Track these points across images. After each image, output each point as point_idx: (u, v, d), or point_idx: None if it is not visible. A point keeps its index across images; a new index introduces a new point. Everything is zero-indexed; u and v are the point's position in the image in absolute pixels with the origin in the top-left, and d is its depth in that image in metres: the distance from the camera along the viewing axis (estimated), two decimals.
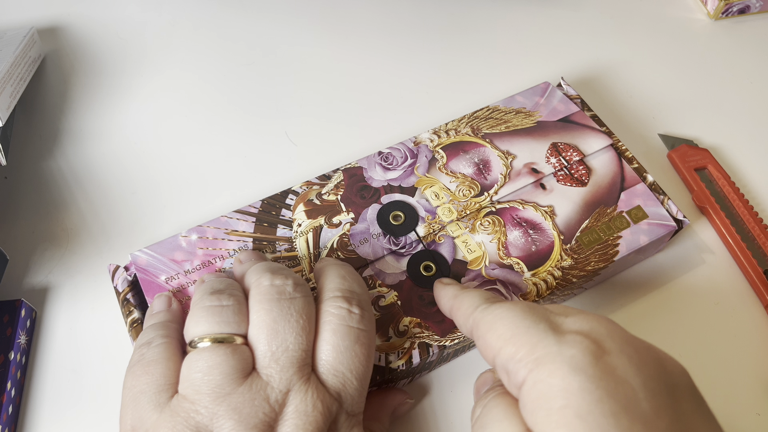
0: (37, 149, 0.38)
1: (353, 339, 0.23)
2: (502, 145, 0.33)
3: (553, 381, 0.18)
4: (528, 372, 0.19)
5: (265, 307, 0.23)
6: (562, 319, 0.20)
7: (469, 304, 0.24)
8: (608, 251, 0.30)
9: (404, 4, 0.46)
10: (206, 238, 0.30)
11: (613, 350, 0.18)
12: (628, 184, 0.32)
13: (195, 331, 0.23)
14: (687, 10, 0.46)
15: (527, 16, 0.45)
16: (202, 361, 0.22)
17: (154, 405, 0.22)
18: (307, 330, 0.23)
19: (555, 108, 0.35)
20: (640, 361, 0.18)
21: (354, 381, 0.23)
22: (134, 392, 0.22)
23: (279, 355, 0.22)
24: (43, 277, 0.33)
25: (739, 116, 0.40)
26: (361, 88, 0.41)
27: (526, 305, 0.22)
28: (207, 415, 0.21)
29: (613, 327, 0.20)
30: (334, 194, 0.31)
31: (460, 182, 0.32)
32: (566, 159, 0.33)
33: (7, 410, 0.28)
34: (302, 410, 0.21)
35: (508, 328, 0.20)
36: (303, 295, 0.24)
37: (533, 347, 0.19)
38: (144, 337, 0.24)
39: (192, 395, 0.22)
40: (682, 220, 0.31)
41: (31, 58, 0.40)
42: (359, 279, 0.26)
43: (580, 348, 0.18)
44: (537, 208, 0.31)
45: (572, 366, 0.18)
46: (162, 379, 0.22)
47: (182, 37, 0.44)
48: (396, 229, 0.30)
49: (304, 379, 0.22)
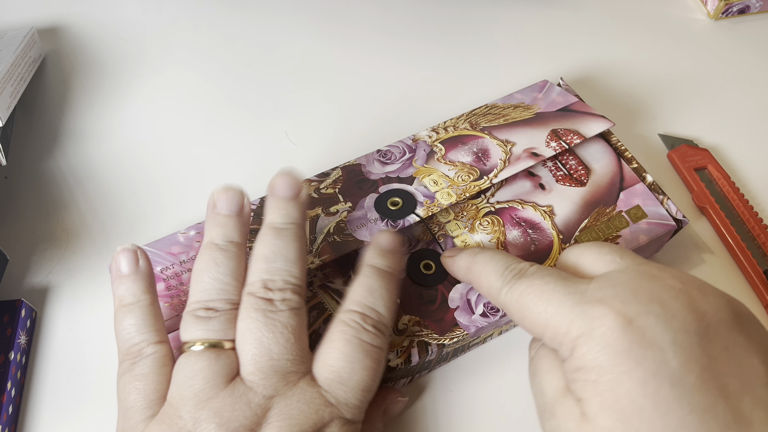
0: (37, 149, 0.38)
1: (364, 352, 0.23)
2: (501, 135, 0.33)
3: (588, 358, 0.19)
4: (569, 352, 0.20)
5: (252, 316, 0.23)
6: (584, 287, 0.21)
7: (488, 284, 0.24)
8: None
9: (404, 4, 0.46)
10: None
11: (640, 313, 0.19)
12: (627, 183, 0.32)
13: (185, 336, 0.23)
14: (687, 10, 0.46)
15: (527, 15, 0.45)
16: (188, 367, 0.22)
17: (143, 419, 0.22)
18: (295, 337, 0.23)
19: (554, 100, 0.35)
20: (667, 315, 0.19)
21: (358, 392, 0.23)
22: (125, 406, 0.23)
23: (262, 364, 0.22)
24: (43, 277, 0.33)
25: (739, 116, 0.40)
26: (360, 87, 0.41)
27: (546, 279, 0.22)
28: (189, 420, 0.21)
29: (637, 283, 0.20)
30: (332, 188, 0.31)
31: (459, 169, 0.31)
32: (566, 142, 0.32)
33: (7, 410, 0.28)
34: (286, 414, 0.21)
35: (540, 316, 0.21)
36: (290, 308, 0.23)
37: (568, 330, 0.20)
38: (129, 337, 0.24)
39: (176, 401, 0.22)
40: (681, 219, 0.31)
41: (31, 58, 0.40)
42: (388, 295, 0.25)
43: (608, 324, 0.19)
44: (536, 208, 0.31)
45: (602, 344, 0.19)
46: (153, 394, 0.23)
47: (182, 37, 0.44)
48: (394, 214, 0.30)
49: (290, 384, 0.22)
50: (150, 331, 0.24)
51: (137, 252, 0.25)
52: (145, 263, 0.26)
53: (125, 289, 0.25)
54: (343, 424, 0.22)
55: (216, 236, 0.25)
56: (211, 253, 0.25)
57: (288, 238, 0.25)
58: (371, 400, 0.26)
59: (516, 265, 0.24)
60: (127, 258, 0.25)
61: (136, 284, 0.25)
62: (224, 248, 0.25)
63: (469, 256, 0.26)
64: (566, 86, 0.36)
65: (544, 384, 0.22)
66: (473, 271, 0.25)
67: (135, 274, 0.25)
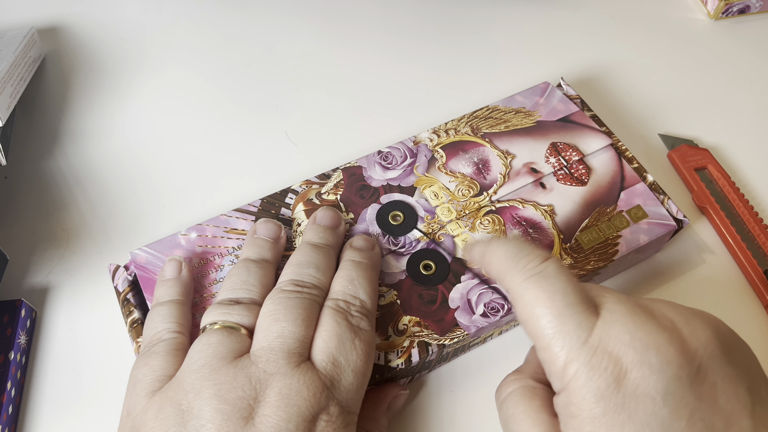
0: (37, 149, 0.38)
1: (353, 332, 0.24)
2: (501, 144, 0.33)
3: (582, 407, 0.20)
4: (561, 389, 0.21)
5: (275, 299, 0.24)
6: (592, 322, 0.21)
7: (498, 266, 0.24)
8: (608, 250, 0.30)
9: (404, 4, 0.46)
10: (205, 236, 0.30)
11: (635, 364, 0.19)
12: (628, 183, 0.32)
13: (204, 321, 0.25)
14: (687, 10, 0.46)
15: (527, 15, 0.45)
16: (201, 342, 0.23)
17: (147, 392, 0.23)
18: (307, 324, 0.24)
19: (554, 108, 0.35)
20: (662, 363, 0.19)
21: (350, 373, 0.23)
22: (133, 381, 0.24)
23: (272, 340, 0.23)
24: (43, 277, 0.33)
25: (739, 116, 0.40)
26: (360, 87, 0.41)
27: (563, 291, 0.21)
28: (191, 389, 0.22)
29: (634, 328, 0.20)
30: (334, 194, 0.31)
31: (460, 182, 0.32)
32: (565, 159, 0.33)
33: (7, 410, 0.28)
34: (285, 394, 0.22)
35: (545, 333, 0.21)
36: (310, 298, 0.25)
37: (566, 364, 0.20)
38: (154, 326, 0.25)
39: (183, 374, 0.23)
40: (682, 219, 0.31)
41: (31, 58, 0.40)
42: (368, 284, 0.26)
43: (604, 376, 0.20)
44: (537, 207, 0.31)
45: (597, 396, 0.19)
46: (160, 370, 0.23)
47: (182, 37, 0.44)
48: (395, 229, 0.30)
49: (292, 365, 0.22)
50: (172, 322, 0.25)
51: (182, 263, 0.28)
52: (187, 273, 0.28)
53: (163, 291, 0.27)
54: (339, 412, 0.22)
55: (251, 254, 0.28)
56: (245, 263, 0.27)
57: (322, 253, 0.27)
58: (374, 398, 0.26)
59: (531, 252, 0.23)
60: (172, 266, 0.28)
61: (174, 288, 0.27)
62: (257, 261, 0.27)
63: (484, 243, 0.25)
64: (567, 87, 0.36)
65: (522, 430, 0.22)
66: (486, 256, 0.25)
67: (176, 279, 0.27)
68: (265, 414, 0.21)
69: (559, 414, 0.21)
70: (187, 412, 0.21)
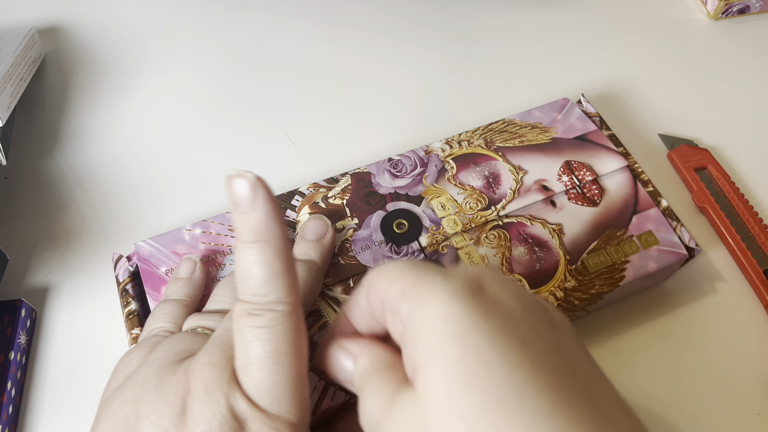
0: (37, 149, 0.38)
1: (250, 338, 0.20)
2: (514, 159, 0.32)
3: (433, 309, 0.18)
4: (411, 305, 0.18)
5: None
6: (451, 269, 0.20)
7: None
8: (614, 275, 0.29)
9: (405, 5, 0.46)
10: (209, 233, 0.30)
11: (494, 284, 0.19)
12: (641, 207, 0.31)
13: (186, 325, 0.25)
14: (687, 11, 0.46)
15: (527, 15, 0.45)
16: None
17: (116, 386, 0.22)
18: None
19: (572, 125, 0.34)
20: (520, 296, 0.18)
21: (253, 364, 0.20)
22: (113, 371, 0.24)
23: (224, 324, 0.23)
24: (43, 277, 0.33)
25: (739, 116, 0.40)
26: (360, 88, 0.41)
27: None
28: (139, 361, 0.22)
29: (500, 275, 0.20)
30: (340, 198, 0.31)
31: (468, 194, 0.31)
32: (579, 178, 0.32)
33: (7, 410, 0.28)
34: (194, 373, 0.20)
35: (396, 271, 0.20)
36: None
37: (417, 282, 0.19)
38: (154, 322, 0.25)
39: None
40: (694, 248, 0.30)
41: (31, 58, 0.40)
42: (259, 269, 0.20)
43: (462, 280, 0.18)
44: (545, 225, 0.30)
45: (452, 294, 0.18)
46: (138, 359, 0.23)
47: (182, 38, 0.44)
48: (399, 238, 0.30)
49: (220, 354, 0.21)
50: (171, 323, 0.25)
51: (197, 264, 0.28)
52: (200, 275, 0.28)
53: (173, 289, 0.27)
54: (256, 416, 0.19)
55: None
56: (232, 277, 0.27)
57: (300, 268, 0.27)
58: None
59: None
60: (187, 265, 0.28)
61: (184, 288, 0.27)
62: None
63: None
64: (587, 104, 0.35)
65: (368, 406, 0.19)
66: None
67: (188, 280, 0.27)
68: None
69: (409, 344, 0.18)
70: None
